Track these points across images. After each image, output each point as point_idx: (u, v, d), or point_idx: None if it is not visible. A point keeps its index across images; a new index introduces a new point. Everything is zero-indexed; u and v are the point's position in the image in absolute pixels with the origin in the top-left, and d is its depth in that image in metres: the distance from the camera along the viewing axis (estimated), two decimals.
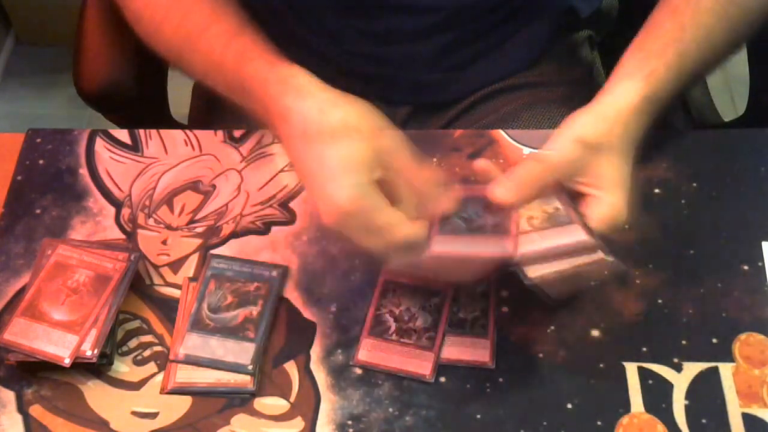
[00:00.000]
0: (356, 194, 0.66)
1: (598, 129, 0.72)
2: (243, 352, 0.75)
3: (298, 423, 0.73)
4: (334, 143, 0.68)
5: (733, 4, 0.78)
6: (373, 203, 0.67)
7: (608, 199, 0.70)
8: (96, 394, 0.75)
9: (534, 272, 0.69)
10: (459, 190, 0.72)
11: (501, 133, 0.90)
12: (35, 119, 1.94)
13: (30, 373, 0.76)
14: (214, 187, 0.87)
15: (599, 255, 0.69)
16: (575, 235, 0.69)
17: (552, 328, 0.77)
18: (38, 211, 0.85)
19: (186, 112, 1.16)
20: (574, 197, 0.72)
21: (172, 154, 0.89)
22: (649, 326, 0.77)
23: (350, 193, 0.66)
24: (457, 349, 0.76)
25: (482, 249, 0.69)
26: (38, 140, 0.90)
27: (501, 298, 0.79)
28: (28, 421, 0.74)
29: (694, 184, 0.85)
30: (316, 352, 0.77)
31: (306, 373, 0.76)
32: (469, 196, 0.72)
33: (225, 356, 0.75)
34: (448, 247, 0.69)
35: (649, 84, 0.73)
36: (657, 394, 0.74)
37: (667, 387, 0.74)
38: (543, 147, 0.72)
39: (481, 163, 0.75)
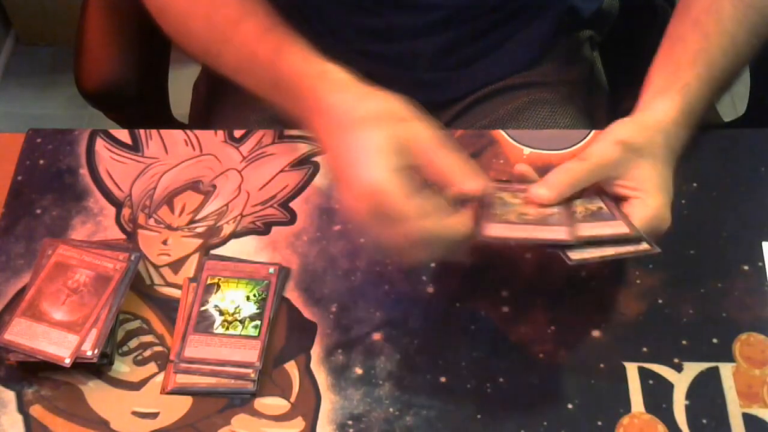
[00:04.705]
0: (381, 177, 0.66)
1: (639, 134, 0.73)
2: (247, 351, 0.75)
3: (299, 423, 0.73)
4: (364, 130, 0.69)
5: (752, 7, 0.79)
6: (398, 188, 0.66)
7: (650, 202, 0.71)
8: (96, 394, 0.75)
9: (577, 255, 0.69)
10: (495, 186, 0.73)
11: (501, 133, 0.90)
12: (35, 119, 1.94)
13: (30, 373, 0.76)
14: (214, 187, 0.87)
15: (644, 246, 0.70)
16: (619, 228, 0.70)
17: (552, 328, 0.77)
18: (38, 211, 0.85)
19: (186, 112, 1.16)
20: (616, 201, 0.73)
21: (172, 154, 0.89)
22: (649, 326, 0.77)
23: (375, 175, 0.66)
24: (596, 231, 0.72)
25: (539, 234, 0.70)
26: (38, 140, 0.90)
27: (501, 298, 0.79)
28: (28, 421, 0.74)
29: (694, 184, 0.85)
30: (316, 352, 0.77)
31: (306, 373, 0.76)
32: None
33: (230, 356, 0.75)
34: (502, 233, 0.69)
35: (683, 97, 0.75)
36: (657, 394, 0.74)
37: (667, 387, 0.74)
38: (572, 146, 0.73)
39: (521, 167, 0.76)
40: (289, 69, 0.75)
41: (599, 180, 0.73)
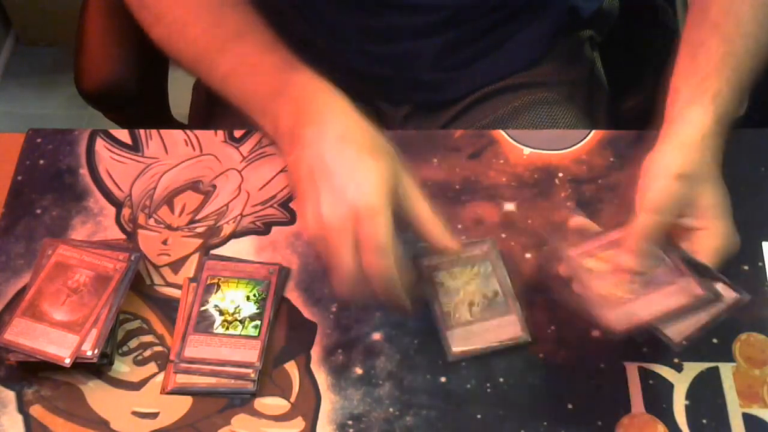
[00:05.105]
0: (377, 200, 0.68)
1: (690, 159, 0.71)
2: (247, 351, 0.75)
3: (299, 423, 0.73)
4: (370, 156, 0.70)
5: (767, 5, 0.78)
6: (389, 219, 0.68)
7: (718, 230, 0.70)
8: (96, 394, 0.75)
9: (679, 334, 0.68)
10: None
11: (501, 133, 0.90)
12: (35, 119, 1.94)
13: (30, 373, 0.76)
14: (214, 187, 0.87)
15: (731, 296, 0.69)
16: (692, 291, 0.69)
17: (552, 328, 0.77)
18: (39, 211, 0.85)
19: (186, 112, 1.16)
20: (672, 233, 0.71)
21: (172, 154, 0.89)
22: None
23: (373, 197, 0.68)
24: (491, 334, 0.76)
25: (671, 302, 0.69)
26: (39, 140, 0.90)
27: None
28: (28, 421, 0.74)
29: None
30: (316, 352, 0.77)
31: (306, 373, 0.76)
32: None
33: (230, 356, 0.75)
34: (629, 317, 0.69)
35: (717, 105, 0.73)
36: (657, 394, 0.74)
37: (667, 387, 0.74)
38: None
39: (577, 221, 0.76)
40: (299, 80, 0.76)
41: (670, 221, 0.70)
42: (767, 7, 0.78)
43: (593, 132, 0.90)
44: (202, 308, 0.78)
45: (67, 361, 0.73)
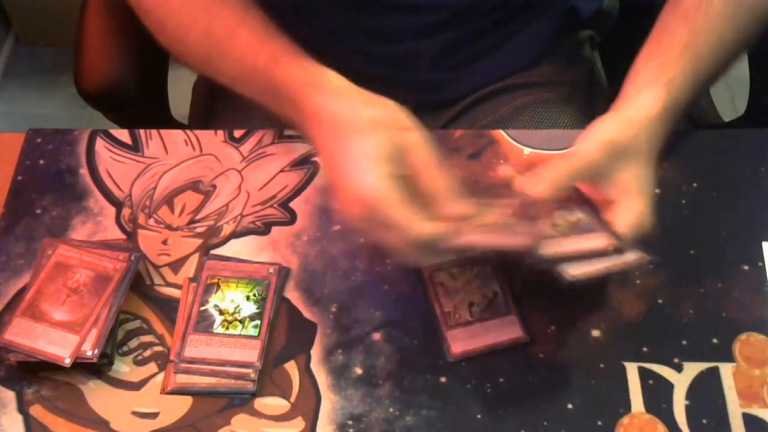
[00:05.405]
0: (376, 185, 0.67)
1: (625, 133, 0.72)
2: (247, 351, 0.75)
3: (299, 423, 0.73)
4: (359, 137, 0.69)
5: (742, 6, 0.78)
6: (392, 196, 0.67)
7: (633, 206, 0.71)
8: (96, 394, 0.75)
9: (573, 272, 0.70)
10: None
11: (501, 133, 0.90)
12: (35, 119, 1.94)
13: (30, 373, 0.76)
14: (214, 187, 0.87)
15: (634, 256, 0.71)
16: (599, 242, 0.70)
17: (552, 328, 0.77)
18: (39, 211, 0.85)
19: (186, 112, 1.16)
20: (595, 204, 0.73)
21: (172, 154, 0.89)
22: (649, 326, 0.77)
23: (371, 182, 0.67)
24: (491, 335, 0.76)
25: (510, 241, 0.70)
26: (39, 140, 0.90)
27: None
28: (28, 421, 0.74)
29: (694, 184, 0.85)
30: (316, 352, 0.77)
31: (306, 373, 0.76)
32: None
33: (230, 356, 0.75)
34: (483, 239, 0.70)
35: (668, 93, 0.74)
36: (657, 394, 0.74)
37: (667, 387, 0.74)
38: (570, 147, 0.72)
39: (505, 170, 0.76)
40: (285, 78, 0.76)
41: (584, 180, 0.72)
42: (738, 5, 0.78)
43: None
44: (202, 308, 0.78)
45: (67, 361, 0.73)
